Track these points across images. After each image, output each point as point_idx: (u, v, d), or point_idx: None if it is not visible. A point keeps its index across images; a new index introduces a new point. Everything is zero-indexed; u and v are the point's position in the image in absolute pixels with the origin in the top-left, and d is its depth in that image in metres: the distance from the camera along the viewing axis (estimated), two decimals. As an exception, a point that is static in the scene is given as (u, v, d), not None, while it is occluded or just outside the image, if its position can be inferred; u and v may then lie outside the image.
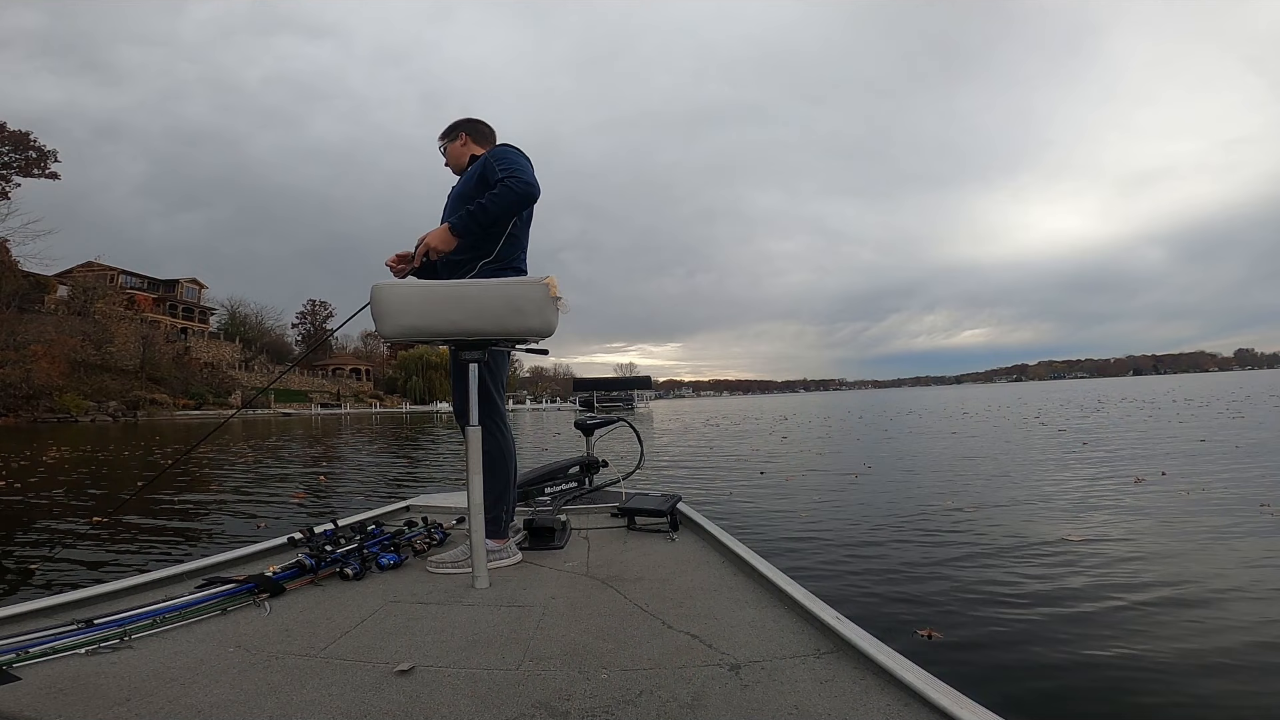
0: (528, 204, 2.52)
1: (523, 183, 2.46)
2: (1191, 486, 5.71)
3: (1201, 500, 5.12)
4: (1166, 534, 4.11)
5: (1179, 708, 2.03)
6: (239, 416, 48.20)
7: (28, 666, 1.52)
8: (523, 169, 2.52)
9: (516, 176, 2.47)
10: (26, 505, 6.38)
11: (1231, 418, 13.61)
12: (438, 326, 2.20)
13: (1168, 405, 20.36)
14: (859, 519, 4.88)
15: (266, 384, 17.54)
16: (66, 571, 3.82)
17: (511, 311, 2.23)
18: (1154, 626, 2.64)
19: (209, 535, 4.87)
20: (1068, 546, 3.85)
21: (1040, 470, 7.30)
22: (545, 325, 2.26)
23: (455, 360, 2.54)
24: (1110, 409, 20.06)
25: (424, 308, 2.18)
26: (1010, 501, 5.41)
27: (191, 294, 72.66)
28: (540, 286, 2.26)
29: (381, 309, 2.17)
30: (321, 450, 14.16)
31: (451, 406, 2.80)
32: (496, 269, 2.63)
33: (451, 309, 2.19)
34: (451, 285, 2.26)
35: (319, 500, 6.52)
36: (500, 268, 2.63)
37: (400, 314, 2.17)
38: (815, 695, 1.41)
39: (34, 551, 4.35)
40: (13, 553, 4.31)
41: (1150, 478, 6.27)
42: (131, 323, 54.73)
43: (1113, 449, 9.10)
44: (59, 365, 42.57)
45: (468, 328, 2.22)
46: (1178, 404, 20.84)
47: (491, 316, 2.22)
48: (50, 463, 10.87)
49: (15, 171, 48.14)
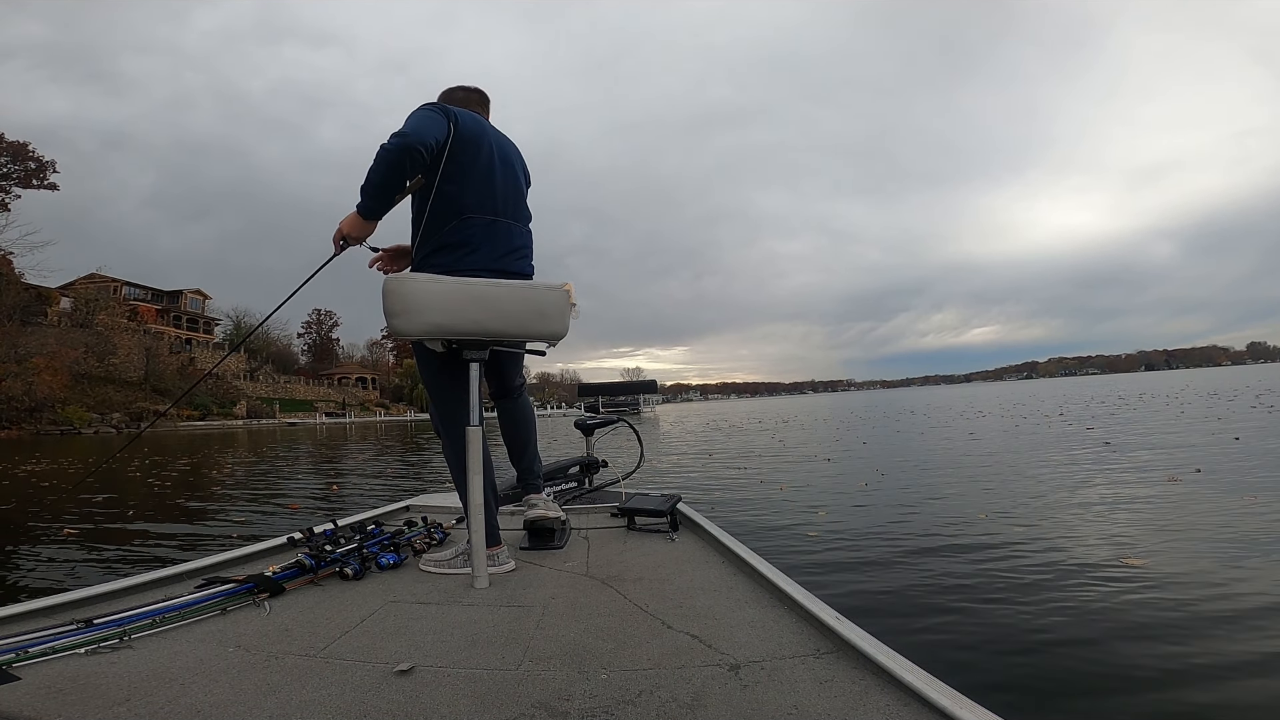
0: (401, 156, 2.14)
1: (392, 137, 2.16)
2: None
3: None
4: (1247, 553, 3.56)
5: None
6: (246, 426, 48.31)
7: (27, 666, 1.52)
8: (406, 124, 2.23)
9: (393, 134, 2.18)
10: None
11: (1269, 411, 13.15)
12: (460, 325, 2.18)
13: (1193, 400, 19.56)
14: (870, 537, 4.35)
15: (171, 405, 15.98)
16: (66, 571, 3.84)
17: (535, 314, 2.27)
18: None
19: (210, 537, 4.89)
20: (1131, 571, 3.32)
21: (1080, 476, 6.59)
22: (564, 328, 2.32)
23: (433, 363, 2.42)
24: (1135, 405, 19.20)
25: (447, 306, 2.16)
26: (1066, 518, 4.66)
27: (195, 305, 73.04)
28: (561, 291, 2.31)
29: (400, 305, 2.13)
30: (307, 458, 14.19)
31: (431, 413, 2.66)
32: (431, 233, 2.39)
33: (475, 308, 2.19)
34: (473, 284, 2.23)
35: (317, 506, 6.52)
36: (429, 252, 2.40)
37: (422, 311, 2.13)
38: (815, 695, 1.40)
39: (34, 551, 4.36)
40: (13, 553, 4.32)
41: (1216, 481, 5.66)
42: (134, 334, 54.96)
43: (1162, 450, 8.28)
44: (61, 377, 42.67)
45: (490, 328, 2.22)
46: (1202, 399, 20.05)
47: (515, 318, 2.25)
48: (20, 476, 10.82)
49: (14, 183, 48.38)
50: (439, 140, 2.26)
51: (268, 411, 61.76)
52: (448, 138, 2.31)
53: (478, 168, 2.41)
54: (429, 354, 2.39)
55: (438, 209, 2.38)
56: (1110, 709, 2.07)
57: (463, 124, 2.36)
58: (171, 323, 67.23)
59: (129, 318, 57.14)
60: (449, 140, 2.31)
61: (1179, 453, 7.88)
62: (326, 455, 14.17)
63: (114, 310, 55.31)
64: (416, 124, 2.22)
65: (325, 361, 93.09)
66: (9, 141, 48.01)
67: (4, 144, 47.77)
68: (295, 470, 11.10)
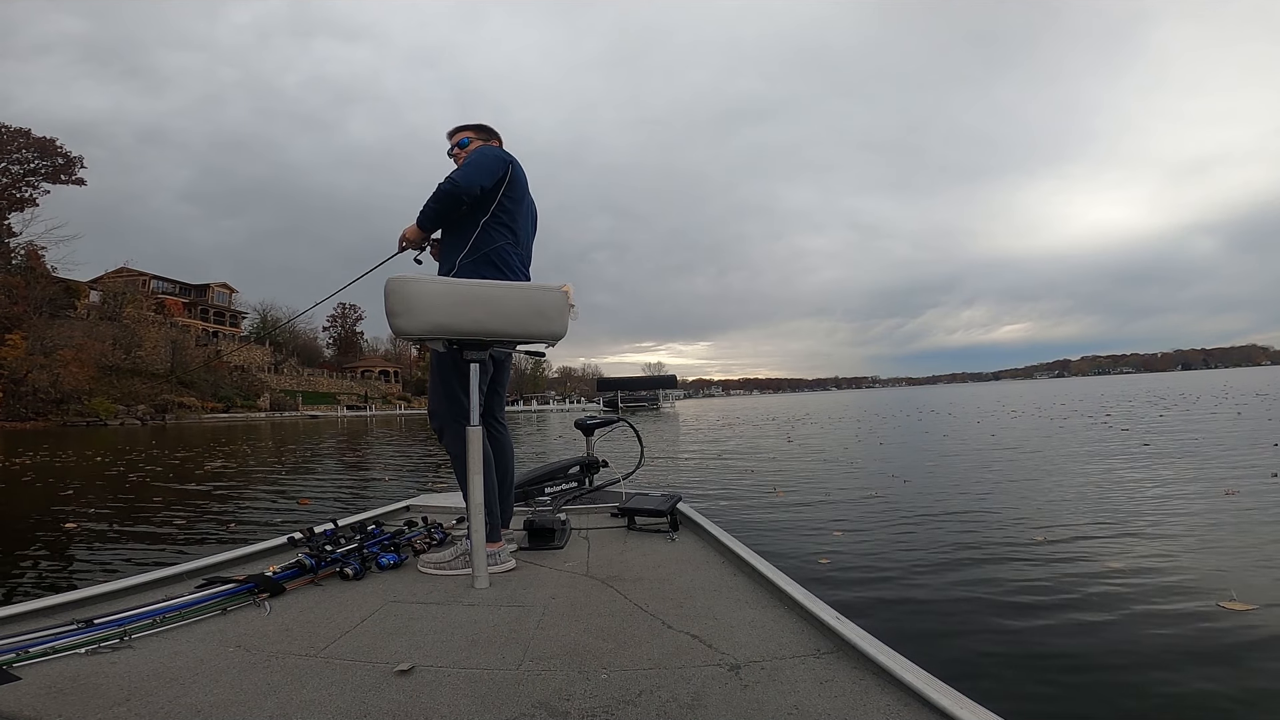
0: (450, 200, 2.52)
1: (448, 180, 2.51)
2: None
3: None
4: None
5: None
6: (269, 419, 48.91)
7: (28, 666, 1.54)
8: (463, 169, 2.57)
9: (450, 176, 2.53)
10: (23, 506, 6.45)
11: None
12: (461, 325, 2.22)
13: (1254, 401, 17.62)
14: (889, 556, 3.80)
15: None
16: (66, 572, 3.86)
17: (535, 314, 2.34)
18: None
19: (211, 536, 4.89)
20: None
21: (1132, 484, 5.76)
22: (563, 328, 2.39)
23: (446, 359, 2.51)
24: (1181, 405, 17.73)
25: (450, 306, 2.20)
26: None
27: (222, 298, 73.95)
28: (559, 293, 2.37)
29: (403, 305, 2.16)
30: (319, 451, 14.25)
31: (429, 406, 2.74)
32: (469, 260, 2.61)
33: (477, 308, 2.23)
34: (474, 284, 2.29)
35: (327, 504, 6.54)
36: (474, 260, 2.61)
37: (426, 311, 2.17)
38: (815, 695, 1.40)
39: (33, 551, 4.39)
40: (12, 553, 4.34)
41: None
42: (161, 327, 55.74)
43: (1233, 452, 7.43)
44: (88, 369, 43.45)
45: (491, 328, 2.26)
46: (1260, 400, 18.31)
47: (516, 318, 2.30)
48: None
49: (42, 178, 49.15)
50: (485, 187, 2.57)
51: (291, 404, 62.45)
52: (504, 179, 2.63)
53: (520, 209, 2.73)
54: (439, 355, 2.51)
55: (491, 226, 2.63)
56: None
57: (515, 171, 2.68)
58: (199, 316, 68.16)
59: (156, 311, 57.99)
60: (505, 182, 2.64)
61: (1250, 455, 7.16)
62: (323, 453, 14.10)
63: (141, 303, 56.17)
64: (469, 172, 2.55)
65: (349, 355, 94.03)
66: (36, 137, 48.79)
67: (31, 140, 48.54)
68: (306, 465, 11.17)
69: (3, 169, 47.70)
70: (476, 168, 2.56)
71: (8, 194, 47.47)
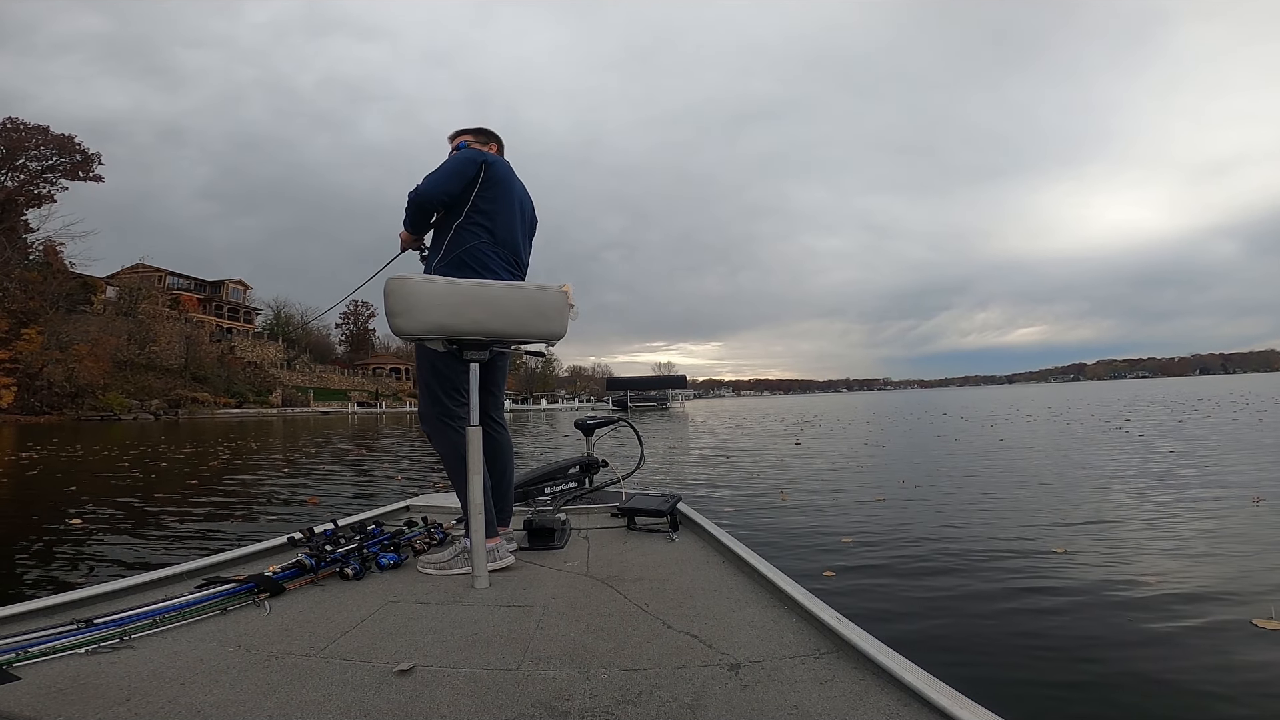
0: (416, 208, 2.61)
1: (414, 189, 2.58)
2: None
3: None
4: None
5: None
6: (280, 415, 49.26)
7: (27, 666, 1.54)
8: (429, 176, 2.61)
9: (417, 185, 2.59)
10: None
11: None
12: (461, 325, 2.21)
13: (1274, 409, 16.63)
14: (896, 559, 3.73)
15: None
16: (66, 571, 3.87)
17: (535, 314, 2.34)
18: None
19: (212, 535, 4.90)
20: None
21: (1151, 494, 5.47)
22: (563, 329, 2.39)
23: (426, 363, 2.55)
24: (1207, 411, 16.82)
25: (449, 306, 2.19)
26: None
27: (236, 295, 74.64)
28: (559, 293, 2.37)
29: (402, 305, 2.15)
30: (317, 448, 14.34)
31: (419, 409, 2.74)
32: (444, 263, 2.62)
33: (477, 308, 2.23)
34: (474, 284, 2.29)
35: (333, 502, 6.55)
36: (448, 263, 2.62)
37: (426, 310, 2.16)
38: (815, 695, 1.40)
39: (33, 551, 4.39)
40: (12, 552, 4.33)
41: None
42: (175, 322, 56.29)
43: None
44: (102, 364, 43.97)
45: (491, 328, 2.26)
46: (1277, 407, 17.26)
47: (516, 318, 2.30)
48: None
49: (60, 175, 49.72)
50: (454, 193, 2.60)
51: (302, 400, 62.94)
52: (475, 179, 2.63)
53: (499, 209, 2.70)
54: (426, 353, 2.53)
55: (464, 228, 2.63)
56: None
57: (491, 171, 2.67)
58: (213, 312, 68.90)
59: (171, 306, 58.55)
60: (477, 182, 2.63)
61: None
62: (325, 452, 14.13)
63: (156, 299, 56.70)
64: (435, 179, 2.59)
65: (361, 352, 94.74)
66: (55, 134, 49.40)
67: (50, 137, 49.13)
68: (312, 462, 11.23)
69: (21, 165, 48.29)
70: (444, 173, 2.61)
71: (26, 190, 48.04)
